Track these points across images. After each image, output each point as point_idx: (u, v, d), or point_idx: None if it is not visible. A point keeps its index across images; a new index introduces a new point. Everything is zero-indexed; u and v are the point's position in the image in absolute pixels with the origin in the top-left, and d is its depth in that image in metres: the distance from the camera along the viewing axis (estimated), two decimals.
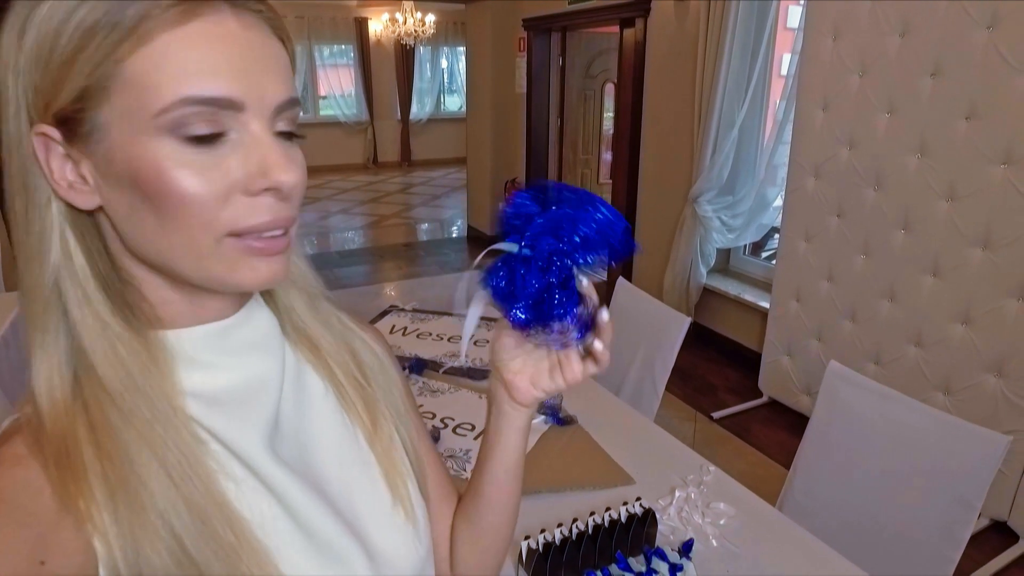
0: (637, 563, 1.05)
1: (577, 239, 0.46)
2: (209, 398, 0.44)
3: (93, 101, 0.37)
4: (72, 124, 0.38)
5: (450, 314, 2.23)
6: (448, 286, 5.12)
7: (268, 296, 0.52)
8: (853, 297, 2.60)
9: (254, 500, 0.44)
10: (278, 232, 0.41)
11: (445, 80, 10.53)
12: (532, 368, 0.54)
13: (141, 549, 0.37)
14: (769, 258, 3.63)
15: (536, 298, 0.48)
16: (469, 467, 1.39)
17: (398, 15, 7.85)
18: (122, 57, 0.36)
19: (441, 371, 1.81)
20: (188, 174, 0.37)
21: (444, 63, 10.36)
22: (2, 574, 0.34)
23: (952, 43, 2.14)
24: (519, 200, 0.48)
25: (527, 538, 1.05)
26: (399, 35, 8.09)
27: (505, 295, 0.49)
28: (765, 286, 3.37)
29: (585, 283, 0.49)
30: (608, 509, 1.11)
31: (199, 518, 0.39)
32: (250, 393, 0.46)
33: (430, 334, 2.06)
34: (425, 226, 7.04)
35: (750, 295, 3.40)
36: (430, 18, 7.92)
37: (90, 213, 0.41)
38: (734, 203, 3.44)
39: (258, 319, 0.49)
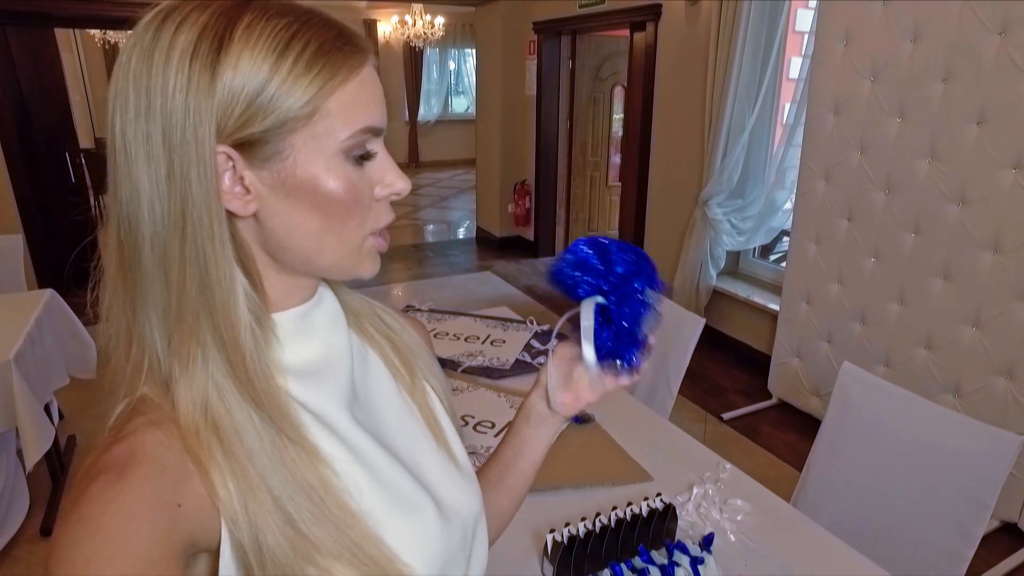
0: (659, 556, 1.09)
1: (639, 288, 0.60)
2: (299, 371, 0.51)
3: (287, 130, 0.44)
4: (254, 146, 0.45)
5: (466, 314, 2.27)
6: (458, 287, 5.18)
7: (334, 284, 0.59)
8: (863, 300, 2.63)
9: (343, 464, 0.50)
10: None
11: (453, 82, 10.58)
12: (576, 384, 0.64)
13: (250, 487, 0.44)
14: (778, 261, 3.66)
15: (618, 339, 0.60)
16: None
17: (407, 17, 7.90)
18: (326, 96, 0.45)
19: (459, 370, 1.84)
20: (351, 188, 0.47)
21: (452, 65, 10.41)
22: (151, 513, 0.40)
23: (963, 48, 2.17)
24: (581, 252, 0.60)
25: (552, 531, 1.08)
26: (408, 37, 8.14)
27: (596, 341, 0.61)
28: (774, 288, 3.39)
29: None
30: (630, 504, 1.14)
31: (292, 465, 0.46)
32: (330, 364, 0.53)
33: (447, 334, 2.09)
34: (433, 227, 7.08)
35: (759, 297, 3.43)
36: (439, 20, 7.97)
37: (233, 217, 0.47)
38: (744, 206, 3.46)
39: (327, 301, 0.56)
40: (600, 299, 0.59)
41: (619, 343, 0.59)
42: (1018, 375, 2.13)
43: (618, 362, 0.60)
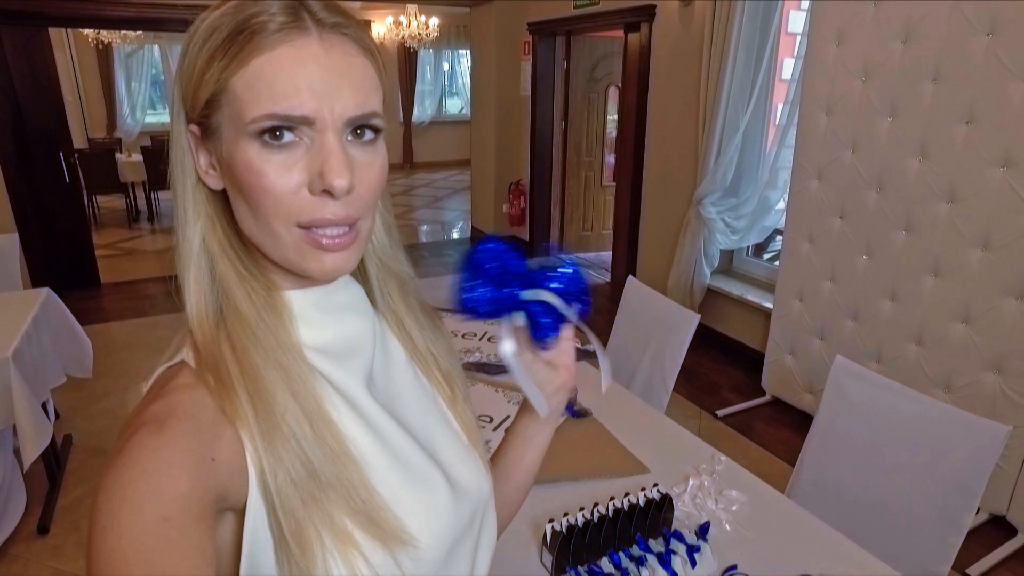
0: (656, 545, 1.10)
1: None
2: (319, 348, 0.53)
3: (214, 108, 0.47)
4: (205, 124, 0.49)
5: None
6: (453, 287, 5.17)
7: (364, 274, 0.61)
8: (855, 297, 2.66)
9: (354, 428, 0.52)
10: (339, 230, 0.48)
11: (447, 83, 10.59)
12: (556, 369, 0.67)
13: (275, 448, 0.46)
14: (771, 259, 3.69)
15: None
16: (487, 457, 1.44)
17: (402, 18, 7.91)
18: (229, 76, 0.46)
19: None
20: (268, 171, 0.46)
21: (446, 66, 10.42)
22: (189, 462, 0.43)
23: (953, 49, 2.20)
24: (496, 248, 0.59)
25: (551, 521, 1.10)
26: (402, 38, 8.14)
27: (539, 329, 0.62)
28: (768, 287, 3.43)
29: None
30: (627, 494, 1.16)
31: (313, 427, 0.48)
32: (350, 347, 0.55)
33: None
34: (427, 228, 7.09)
35: (753, 295, 3.46)
36: (434, 21, 7.98)
37: (223, 194, 0.51)
38: (738, 205, 3.49)
39: (352, 287, 0.57)
40: (514, 316, 0.60)
41: (544, 324, 0.61)
42: (1007, 369, 2.16)
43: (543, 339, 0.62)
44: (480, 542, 0.62)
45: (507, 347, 0.60)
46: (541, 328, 0.61)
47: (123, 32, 7.76)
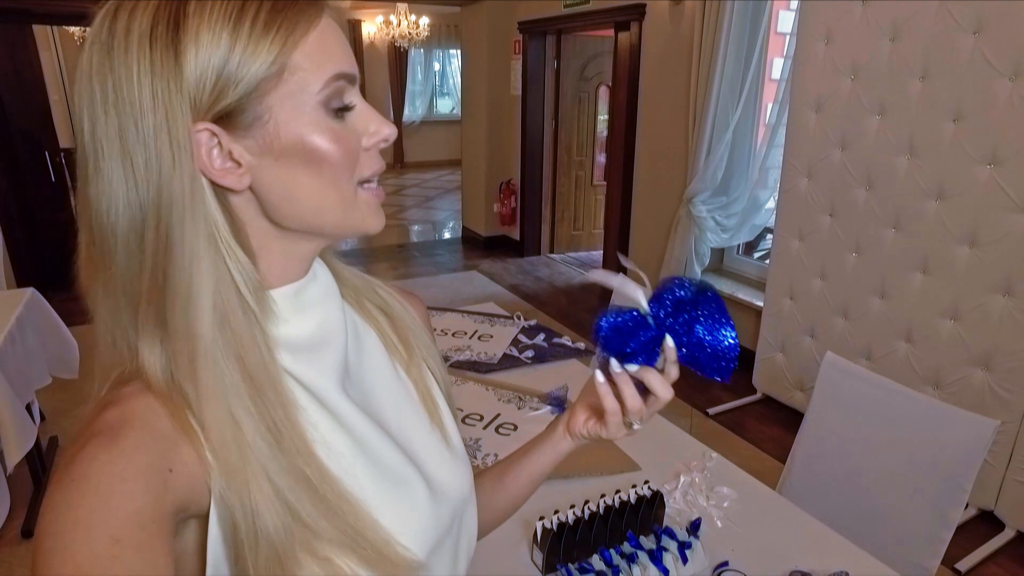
0: (647, 541, 1.10)
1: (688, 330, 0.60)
2: (294, 346, 0.51)
3: (261, 93, 0.44)
4: (233, 117, 0.44)
5: (454, 310, 2.27)
6: (444, 286, 5.17)
7: (325, 260, 0.59)
8: (845, 294, 2.67)
9: (331, 437, 0.50)
10: (376, 184, 0.52)
11: (437, 83, 10.57)
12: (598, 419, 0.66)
13: (246, 489, 0.43)
14: (762, 258, 3.70)
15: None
16: (479, 455, 1.43)
17: (392, 17, 7.88)
18: (289, 52, 0.44)
19: (448, 364, 1.85)
20: (334, 139, 0.47)
21: (437, 66, 10.40)
22: (144, 475, 0.40)
23: (940, 47, 2.22)
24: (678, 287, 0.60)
25: (541, 519, 1.09)
26: (393, 38, 8.12)
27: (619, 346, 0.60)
28: (758, 285, 3.44)
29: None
30: (618, 492, 1.16)
31: (290, 464, 0.46)
32: (324, 339, 0.53)
33: (435, 329, 2.09)
34: (418, 227, 7.07)
35: (744, 294, 3.46)
36: (424, 20, 7.96)
37: (227, 195, 0.47)
38: (728, 204, 3.50)
39: (321, 277, 0.55)
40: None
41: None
42: (994, 366, 2.17)
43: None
44: (460, 542, 0.61)
45: (613, 367, 0.60)
46: (636, 353, 0.59)
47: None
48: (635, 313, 0.59)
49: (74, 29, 7.44)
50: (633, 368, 0.60)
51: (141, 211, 0.43)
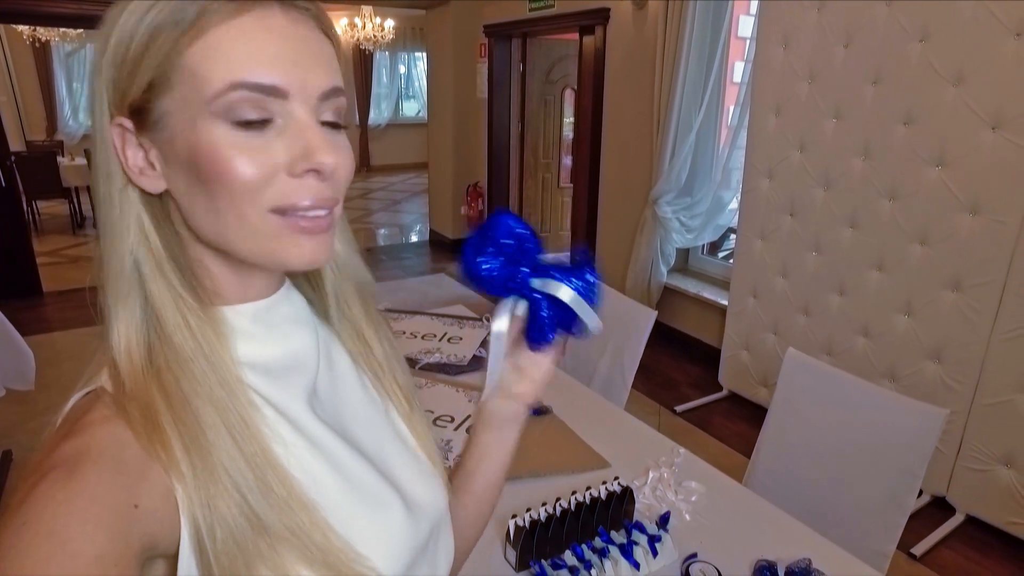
0: (618, 536, 1.12)
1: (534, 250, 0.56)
2: (260, 367, 0.48)
3: (158, 92, 0.41)
4: (142, 114, 0.42)
5: (423, 313, 2.27)
6: (413, 290, 5.15)
7: (319, 282, 0.56)
8: (806, 292, 2.75)
9: (303, 457, 0.47)
10: (321, 212, 0.45)
11: (403, 85, 10.52)
12: (524, 370, 0.61)
13: (214, 501, 0.41)
14: (726, 257, 3.78)
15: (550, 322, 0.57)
16: (451, 456, 1.43)
17: (357, 20, 7.82)
18: (182, 50, 0.40)
19: (417, 367, 1.85)
20: (237, 155, 0.41)
21: (402, 68, 10.35)
22: (106, 515, 0.37)
23: (890, 54, 2.31)
24: (510, 224, 0.55)
25: (514, 516, 1.10)
26: (358, 40, 8.05)
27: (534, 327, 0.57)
28: (723, 284, 3.51)
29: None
30: (589, 488, 1.18)
31: (257, 474, 0.43)
32: (294, 362, 0.51)
33: (404, 332, 2.09)
34: (385, 231, 7.02)
35: (709, 293, 3.54)
36: (389, 23, 7.91)
37: (160, 198, 0.45)
38: (692, 204, 3.57)
39: (294, 298, 0.53)
40: (522, 304, 0.57)
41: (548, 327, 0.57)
42: (945, 358, 2.27)
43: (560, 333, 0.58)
44: (438, 559, 0.59)
45: (500, 324, 0.56)
46: (540, 327, 0.56)
47: (62, 30, 7.46)
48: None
49: (23, 28, 7.19)
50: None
51: (97, 202, 0.44)
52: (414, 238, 6.70)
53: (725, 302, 3.25)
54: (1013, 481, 2.14)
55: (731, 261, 3.31)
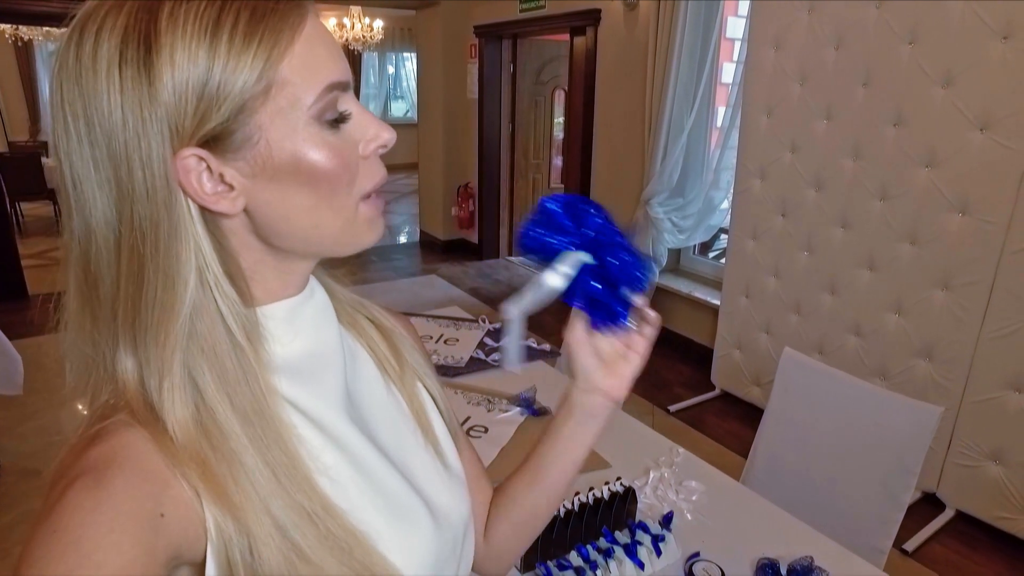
0: (622, 536, 1.12)
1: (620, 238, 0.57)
2: (291, 369, 0.48)
3: (246, 112, 0.41)
4: (221, 139, 0.41)
5: (419, 314, 2.27)
6: (404, 291, 5.13)
7: (317, 276, 0.56)
8: (798, 292, 2.77)
9: (335, 468, 0.48)
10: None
11: (392, 86, 10.49)
12: (609, 367, 0.60)
13: (246, 527, 0.41)
14: (717, 257, 3.81)
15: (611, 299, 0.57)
16: None
17: (345, 20, 7.78)
18: (275, 65, 0.41)
19: None
20: (335, 153, 0.44)
21: (391, 69, 10.32)
22: (132, 525, 0.37)
23: (880, 56, 2.33)
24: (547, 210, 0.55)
25: None
26: (346, 41, 8.02)
27: (592, 303, 0.56)
28: (715, 284, 3.53)
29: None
30: (591, 489, 1.18)
31: (291, 499, 0.43)
32: (323, 361, 0.51)
33: None
34: None
35: (701, 293, 3.56)
36: (378, 24, 7.88)
37: (217, 219, 0.44)
38: (684, 205, 3.59)
39: (318, 295, 0.53)
40: (583, 256, 0.55)
41: (613, 300, 0.56)
42: (935, 356, 2.30)
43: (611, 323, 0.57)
44: (460, 565, 0.59)
45: (528, 301, 0.54)
46: (611, 307, 0.55)
47: (45, 29, 7.36)
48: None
49: (4, 27, 7.09)
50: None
51: (117, 247, 0.41)
52: (404, 239, 6.69)
53: (717, 302, 3.27)
54: (1002, 477, 2.17)
55: (722, 261, 3.33)
